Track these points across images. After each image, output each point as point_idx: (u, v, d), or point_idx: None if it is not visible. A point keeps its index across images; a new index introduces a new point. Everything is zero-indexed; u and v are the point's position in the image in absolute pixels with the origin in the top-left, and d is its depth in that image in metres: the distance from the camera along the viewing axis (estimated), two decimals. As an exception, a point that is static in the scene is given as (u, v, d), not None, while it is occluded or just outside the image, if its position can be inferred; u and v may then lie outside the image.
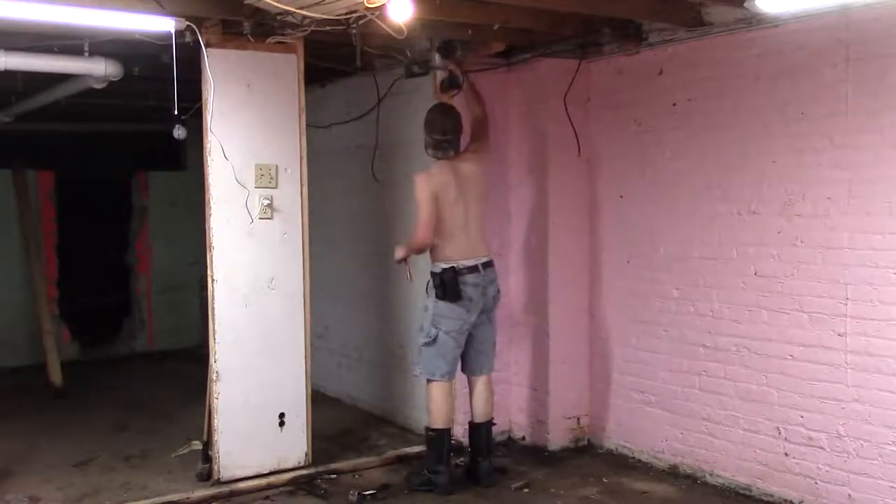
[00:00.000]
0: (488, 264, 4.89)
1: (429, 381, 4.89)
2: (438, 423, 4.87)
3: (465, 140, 5.07)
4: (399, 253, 4.94)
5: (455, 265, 4.77)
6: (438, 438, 4.87)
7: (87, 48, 4.92)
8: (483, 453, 4.97)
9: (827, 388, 4.28)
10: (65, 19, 4.06)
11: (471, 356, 4.97)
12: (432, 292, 4.83)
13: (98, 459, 5.44)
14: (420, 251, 4.88)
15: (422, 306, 5.01)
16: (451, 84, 5.26)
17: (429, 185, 4.77)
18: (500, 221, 5.67)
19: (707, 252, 4.85)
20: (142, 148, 8.75)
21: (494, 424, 5.06)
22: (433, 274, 4.83)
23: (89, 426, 6.17)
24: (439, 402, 4.86)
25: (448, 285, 4.74)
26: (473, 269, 4.80)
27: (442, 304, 4.78)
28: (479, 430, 4.99)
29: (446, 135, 4.85)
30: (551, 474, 5.11)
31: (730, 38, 4.63)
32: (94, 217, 8.62)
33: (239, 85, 4.75)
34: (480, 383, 5.00)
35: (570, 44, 5.29)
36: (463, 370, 5.02)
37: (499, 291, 4.98)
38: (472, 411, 5.04)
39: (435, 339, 4.81)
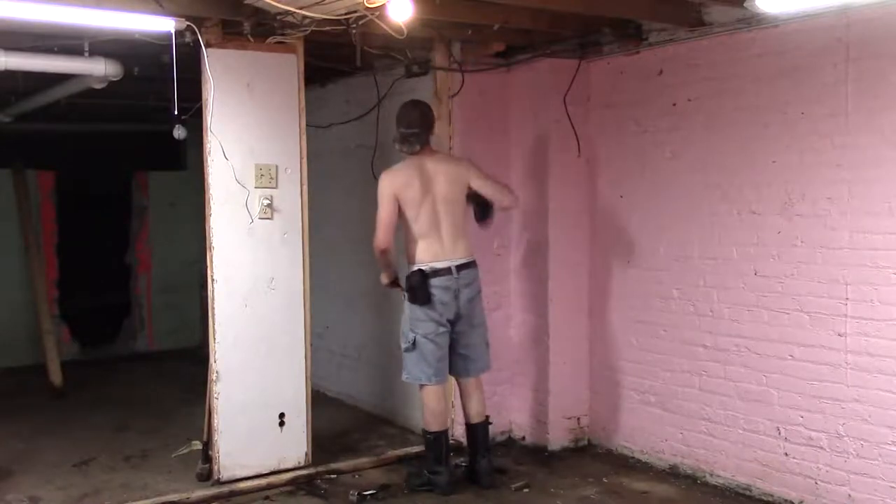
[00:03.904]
0: (465, 266, 4.75)
1: (421, 386, 4.85)
2: (434, 427, 4.84)
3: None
4: (383, 279, 4.93)
5: (424, 267, 4.69)
6: (436, 440, 4.85)
7: (87, 48, 4.93)
8: (482, 453, 4.95)
9: (827, 388, 4.28)
10: (65, 19, 4.06)
11: (456, 360, 4.90)
12: (406, 296, 4.77)
13: (98, 459, 5.43)
14: (383, 256, 4.74)
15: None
16: (483, 214, 4.97)
17: (388, 184, 4.67)
18: (500, 221, 5.65)
19: (707, 252, 4.85)
20: (142, 148, 8.74)
21: (491, 423, 5.04)
22: (406, 277, 4.77)
23: (89, 426, 6.17)
24: (432, 406, 4.82)
25: (416, 288, 4.65)
26: (445, 272, 4.68)
27: (415, 307, 4.71)
28: (476, 431, 4.97)
29: (412, 127, 4.72)
30: (551, 474, 5.11)
31: (730, 38, 4.63)
32: (94, 217, 8.62)
33: (239, 85, 4.75)
34: (468, 385, 4.96)
35: (570, 44, 5.30)
36: (451, 373, 4.97)
37: (479, 292, 4.85)
38: (465, 413, 5.02)
39: (414, 344, 4.73)
